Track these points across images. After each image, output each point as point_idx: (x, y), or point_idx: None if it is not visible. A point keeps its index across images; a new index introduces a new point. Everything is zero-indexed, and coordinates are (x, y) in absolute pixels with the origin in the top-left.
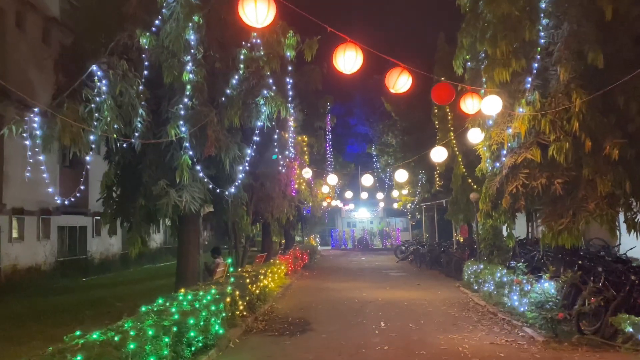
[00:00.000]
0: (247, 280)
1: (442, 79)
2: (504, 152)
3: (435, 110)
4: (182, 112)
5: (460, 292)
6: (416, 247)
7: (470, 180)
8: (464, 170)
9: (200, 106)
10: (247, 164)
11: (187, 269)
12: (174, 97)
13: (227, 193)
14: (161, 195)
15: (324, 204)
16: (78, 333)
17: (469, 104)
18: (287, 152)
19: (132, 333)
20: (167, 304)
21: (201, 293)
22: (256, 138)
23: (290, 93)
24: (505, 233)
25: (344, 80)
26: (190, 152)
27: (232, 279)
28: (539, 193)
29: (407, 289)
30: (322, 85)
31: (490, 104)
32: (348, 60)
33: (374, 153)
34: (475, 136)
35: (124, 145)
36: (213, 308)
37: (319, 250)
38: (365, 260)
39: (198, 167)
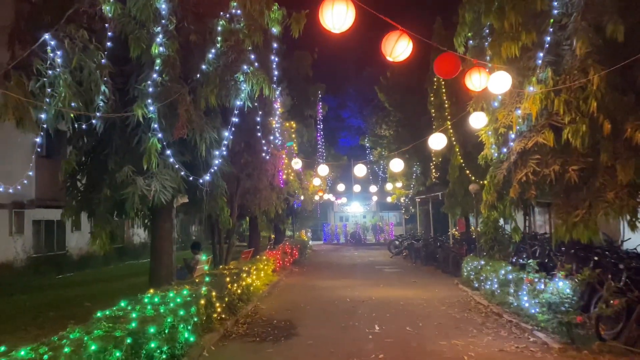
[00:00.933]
0: (227, 279)
1: (446, 49)
2: (512, 136)
3: (432, 98)
4: (151, 89)
5: (459, 290)
6: (410, 241)
7: (468, 172)
8: (462, 161)
9: (171, 82)
10: (224, 149)
11: (161, 266)
12: (142, 73)
13: (200, 181)
14: (127, 184)
15: (316, 197)
16: (2, 349)
17: (476, 80)
18: (272, 137)
19: (66, 350)
20: (129, 307)
21: (171, 294)
22: (235, 119)
23: (276, 73)
24: (507, 227)
25: (336, 72)
26: (160, 135)
27: (207, 279)
28: (551, 181)
29: (402, 286)
30: (315, 76)
31: (499, 81)
32: (337, 16)
33: (367, 145)
34: (477, 120)
35: (84, 126)
36: (182, 313)
37: (310, 245)
38: (357, 256)
39: (168, 152)
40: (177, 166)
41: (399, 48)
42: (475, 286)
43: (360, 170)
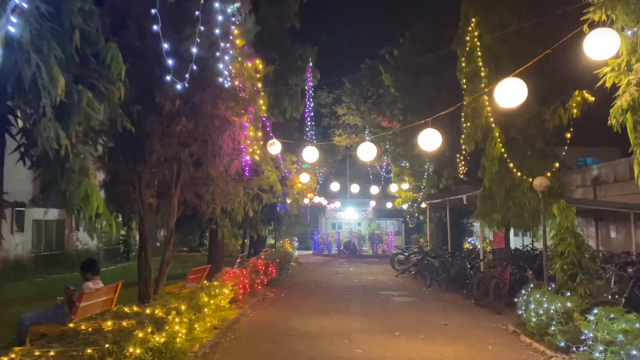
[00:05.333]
0: (89, 352)
1: None
2: None
3: (463, 64)
4: None
5: (526, 348)
6: (423, 257)
7: (511, 165)
8: (503, 150)
9: None
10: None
11: None
12: None
13: None
14: None
15: (306, 200)
16: None
17: None
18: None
19: None
20: None
21: None
22: None
23: None
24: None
25: (331, 66)
26: None
27: None
28: None
29: (429, 334)
30: (304, 34)
31: None
32: None
33: (368, 139)
34: (601, 44)
35: None
36: None
37: (296, 257)
38: (353, 273)
39: None
40: None
41: None
42: (561, 345)
43: (368, 151)
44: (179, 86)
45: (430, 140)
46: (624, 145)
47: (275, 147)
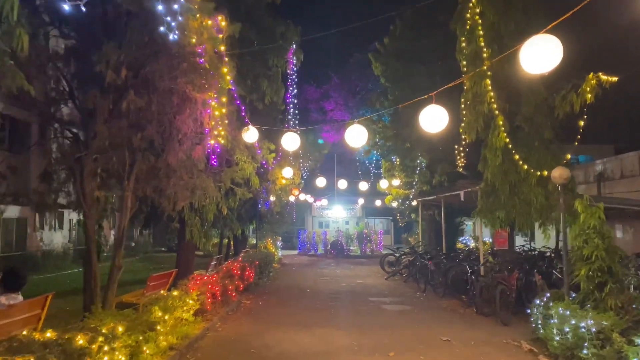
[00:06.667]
0: None
1: None
2: None
3: (463, 44)
4: None
5: None
6: (416, 258)
7: (517, 157)
8: (508, 140)
9: None
10: None
11: None
12: None
13: None
14: None
15: (291, 198)
16: None
17: None
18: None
19: None
20: None
21: None
22: None
23: None
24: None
25: (320, 60)
26: None
27: None
28: None
29: (429, 353)
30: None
31: None
32: None
33: (357, 121)
34: None
35: None
36: None
37: (279, 258)
38: (340, 275)
39: None
40: None
41: None
42: None
43: (357, 135)
44: (66, 6)
45: (434, 118)
46: (617, 142)
47: (250, 133)
